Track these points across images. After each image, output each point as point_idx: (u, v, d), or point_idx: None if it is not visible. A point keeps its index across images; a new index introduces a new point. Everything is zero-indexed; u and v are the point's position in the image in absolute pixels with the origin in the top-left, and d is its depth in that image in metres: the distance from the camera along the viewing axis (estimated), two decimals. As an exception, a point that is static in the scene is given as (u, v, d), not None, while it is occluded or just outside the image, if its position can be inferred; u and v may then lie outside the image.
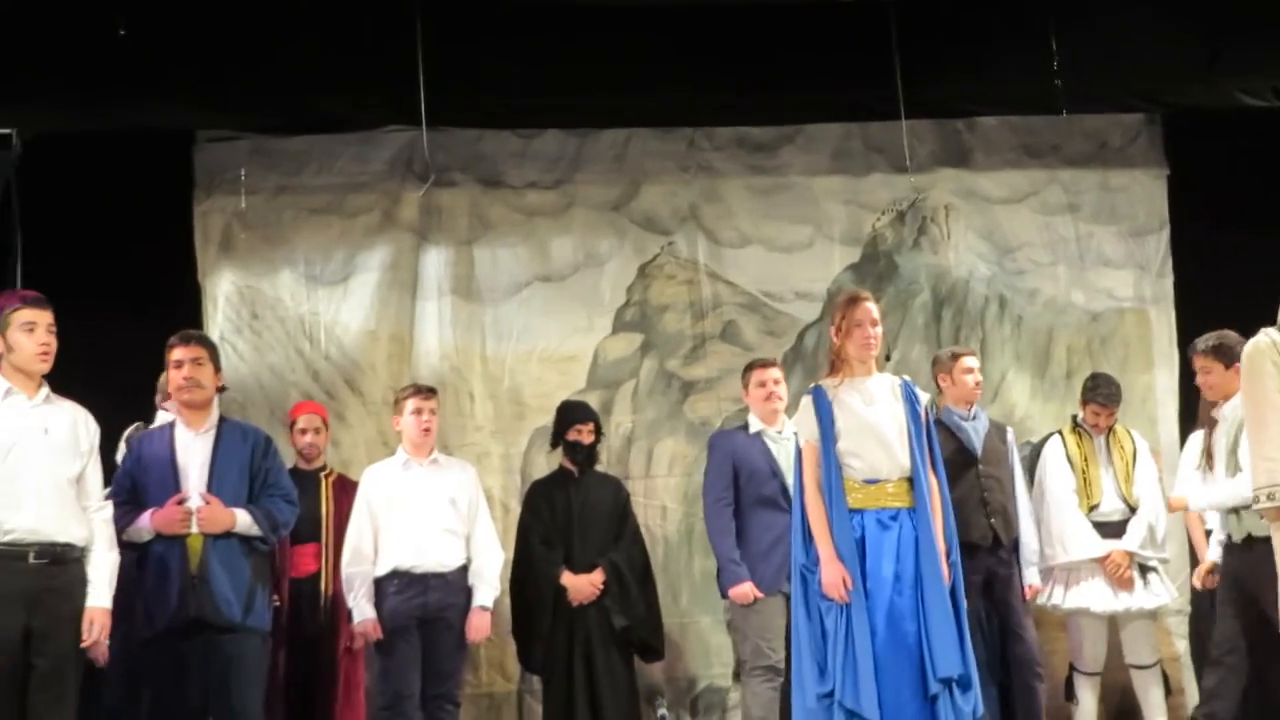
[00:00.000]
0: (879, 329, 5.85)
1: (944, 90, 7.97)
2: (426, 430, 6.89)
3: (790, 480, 6.76)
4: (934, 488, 5.77)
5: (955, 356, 7.25)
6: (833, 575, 5.63)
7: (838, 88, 7.91)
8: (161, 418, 6.34)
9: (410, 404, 6.91)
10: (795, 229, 8.40)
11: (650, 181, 8.35)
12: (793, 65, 7.67)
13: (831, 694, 5.59)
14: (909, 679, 5.60)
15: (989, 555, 6.97)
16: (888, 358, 6.11)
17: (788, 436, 6.89)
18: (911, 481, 5.73)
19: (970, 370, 7.18)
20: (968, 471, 6.97)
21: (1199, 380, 6.61)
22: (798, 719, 5.72)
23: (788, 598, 6.79)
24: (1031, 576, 7.09)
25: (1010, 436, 7.29)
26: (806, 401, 5.83)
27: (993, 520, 7.01)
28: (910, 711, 5.57)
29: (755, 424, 7.10)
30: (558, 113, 8.03)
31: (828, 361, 5.95)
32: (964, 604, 5.81)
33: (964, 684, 5.59)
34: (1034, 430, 7.98)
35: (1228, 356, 6.36)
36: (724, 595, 6.99)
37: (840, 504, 5.70)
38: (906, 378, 5.94)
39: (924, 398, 5.87)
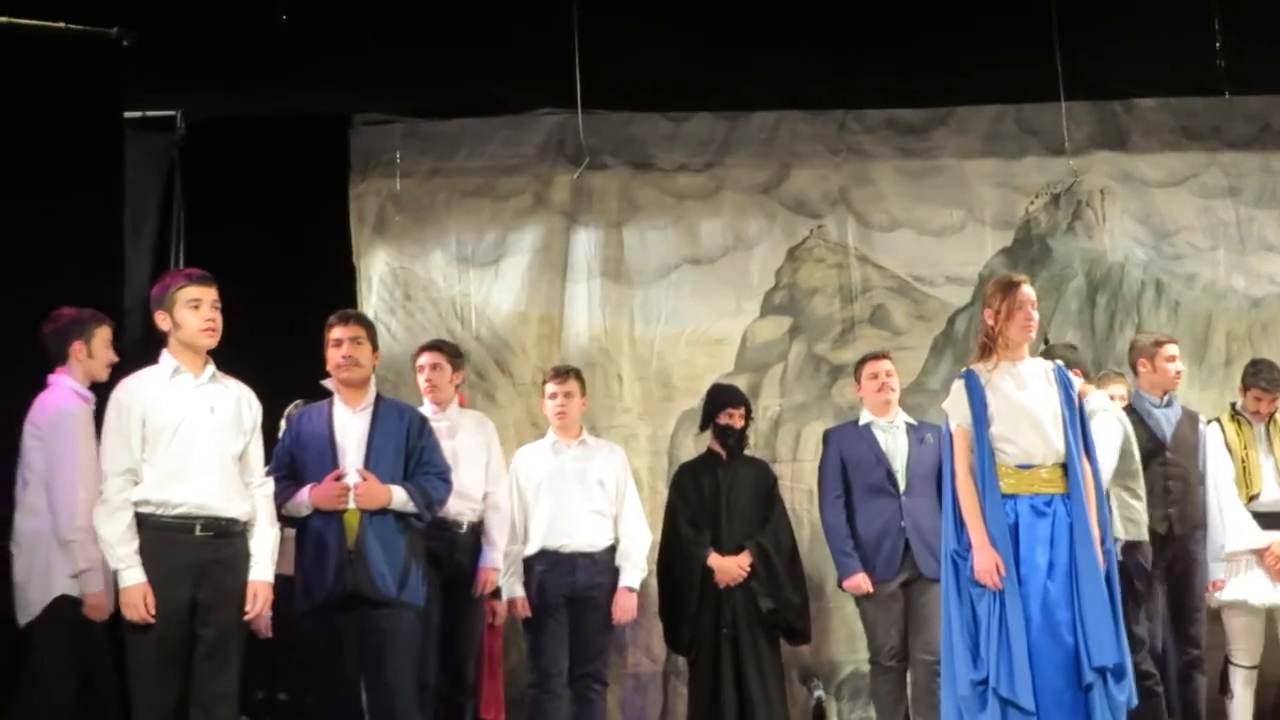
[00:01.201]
0: (1037, 313, 5.78)
1: (1102, 71, 7.85)
2: (561, 414, 6.95)
3: (898, 467, 6.99)
4: (1088, 474, 5.68)
5: (1158, 344, 7.12)
6: (985, 561, 5.57)
7: (992, 69, 7.81)
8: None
9: (549, 387, 7.01)
10: (946, 212, 8.34)
11: (800, 164, 8.33)
12: (946, 46, 7.57)
13: (985, 681, 5.54)
14: (1063, 668, 5.52)
15: (1164, 545, 6.86)
16: (1046, 341, 6.02)
17: (899, 425, 7.10)
18: (1066, 467, 5.64)
19: (1173, 359, 7.08)
20: (1153, 459, 6.86)
21: None
22: (948, 706, 5.67)
23: (905, 585, 6.84)
24: (1216, 571, 6.95)
25: (1203, 426, 7.13)
26: (958, 385, 5.76)
27: (1170, 510, 6.89)
28: (1065, 700, 5.49)
29: (866, 416, 7.17)
30: (708, 96, 8.04)
31: (979, 345, 5.88)
32: (1119, 592, 5.71)
33: (1119, 673, 5.50)
34: (1192, 418, 7.82)
35: None
36: (840, 586, 7.08)
37: (993, 489, 5.63)
38: (1059, 362, 5.86)
39: (1078, 382, 5.78)
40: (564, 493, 6.86)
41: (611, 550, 6.89)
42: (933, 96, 8.20)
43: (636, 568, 6.91)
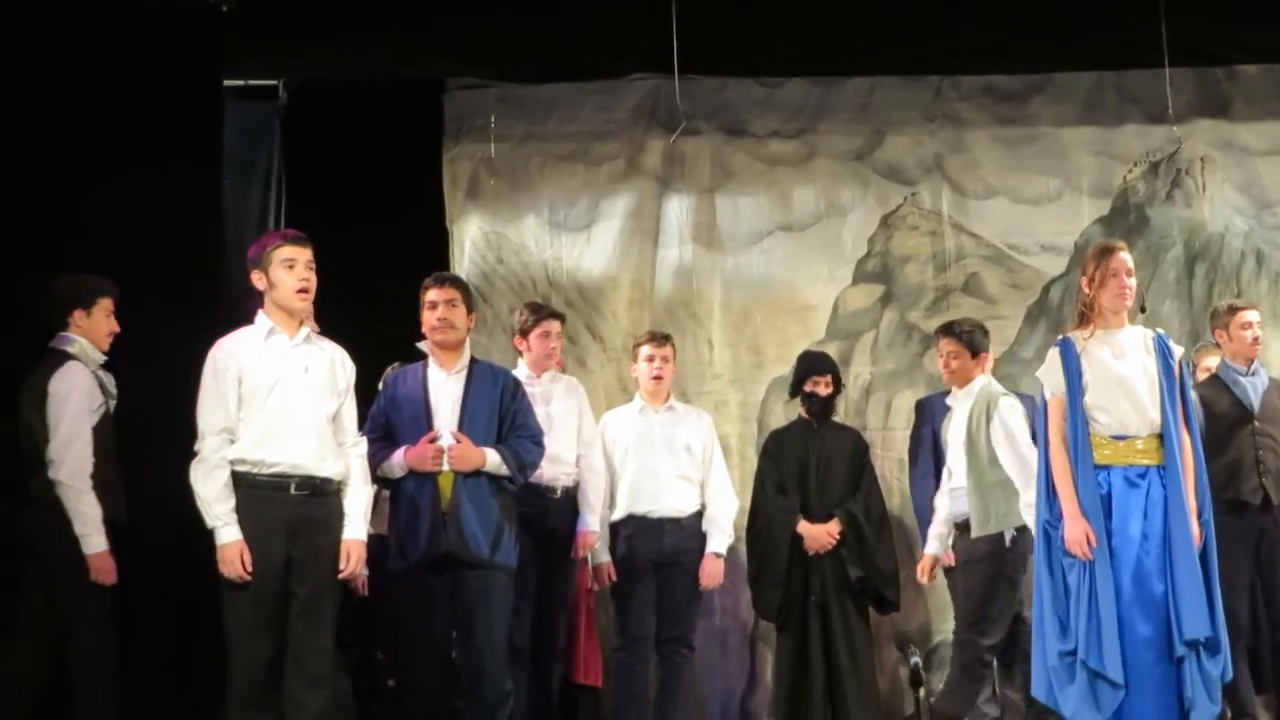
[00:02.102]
0: (1134, 280, 5.70)
1: (1205, 37, 7.70)
2: (658, 378, 6.96)
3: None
4: (1186, 445, 5.61)
5: (1233, 310, 7.02)
6: (1076, 531, 5.52)
7: (1091, 35, 7.70)
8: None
9: (644, 350, 7.01)
10: (1043, 180, 8.24)
11: (894, 131, 8.28)
12: (1045, 11, 7.47)
13: (1073, 652, 5.51)
14: (1155, 640, 5.46)
15: (1259, 515, 6.76)
16: (1142, 310, 5.94)
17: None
18: (1162, 438, 5.57)
19: (1248, 325, 6.94)
20: (1242, 429, 6.77)
21: None
22: (1038, 676, 5.64)
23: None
24: None
25: None
26: (1054, 354, 5.71)
27: (1264, 480, 6.78)
28: (1155, 674, 5.44)
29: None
30: (802, 61, 8.00)
31: (1076, 313, 5.82)
32: (1215, 565, 5.64)
33: (1212, 647, 5.43)
34: (1292, 390, 7.69)
35: None
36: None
37: (1086, 459, 5.57)
38: (1160, 331, 5.78)
39: (1178, 352, 5.70)
40: (651, 458, 6.87)
41: (698, 516, 6.90)
42: (1031, 63, 8.10)
43: (723, 533, 6.91)
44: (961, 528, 6.57)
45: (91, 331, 5.93)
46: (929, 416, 7.18)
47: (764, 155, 8.26)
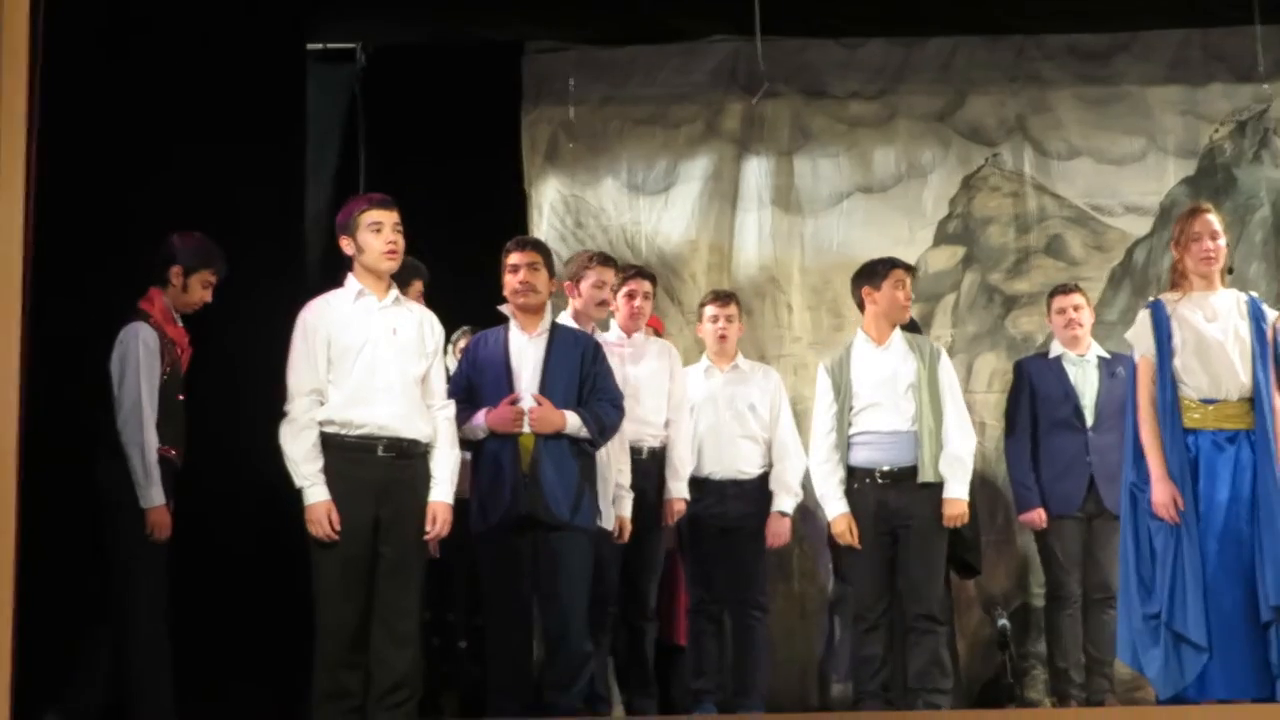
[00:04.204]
0: (1221, 241, 5.64)
1: (1295, -8, 7.57)
2: (723, 337, 6.93)
3: (1086, 403, 6.90)
4: (1278, 409, 5.55)
5: None
6: (1163, 494, 5.51)
7: (1179, -9, 7.60)
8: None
9: (709, 310, 6.99)
10: (1127, 140, 8.11)
11: (976, 91, 8.18)
12: (1131, -32, 7.39)
13: (1158, 615, 5.49)
14: (1241, 605, 5.46)
15: None
16: (1230, 271, 5.87)
17: (1090, 359, 7.02)
18: (1253, 402, 5.52)
19: None
20: None
21: None
22: (1123, 638, 5.64)
23: (1086, 520, 6.75)
24: None
25: None
26: (1144, 316, 5.68)
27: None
28: (1241, 636, 5.43)
29: (1056, 348, 7.11)
30: (883, 22, 7.93)
31: (1169, 276, 5.77)
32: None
33: (1301, 612, 5.41)
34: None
35: None
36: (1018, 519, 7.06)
37: (1175, 422, 5.55)
38: (1254, 294, 5.72)
39: (1271, 315, 5.64)
40: (715, 418, 6.83)
41: (764, 477, 6.86)
42: (1116, 21, 7.97)
43: (789, 492, 6.84)
44: None
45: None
46: (1026, 377, 7.11)
47: (844, 117, 8.20)
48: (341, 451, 5.32)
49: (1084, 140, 8.12)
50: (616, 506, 6.30)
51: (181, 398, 5.87)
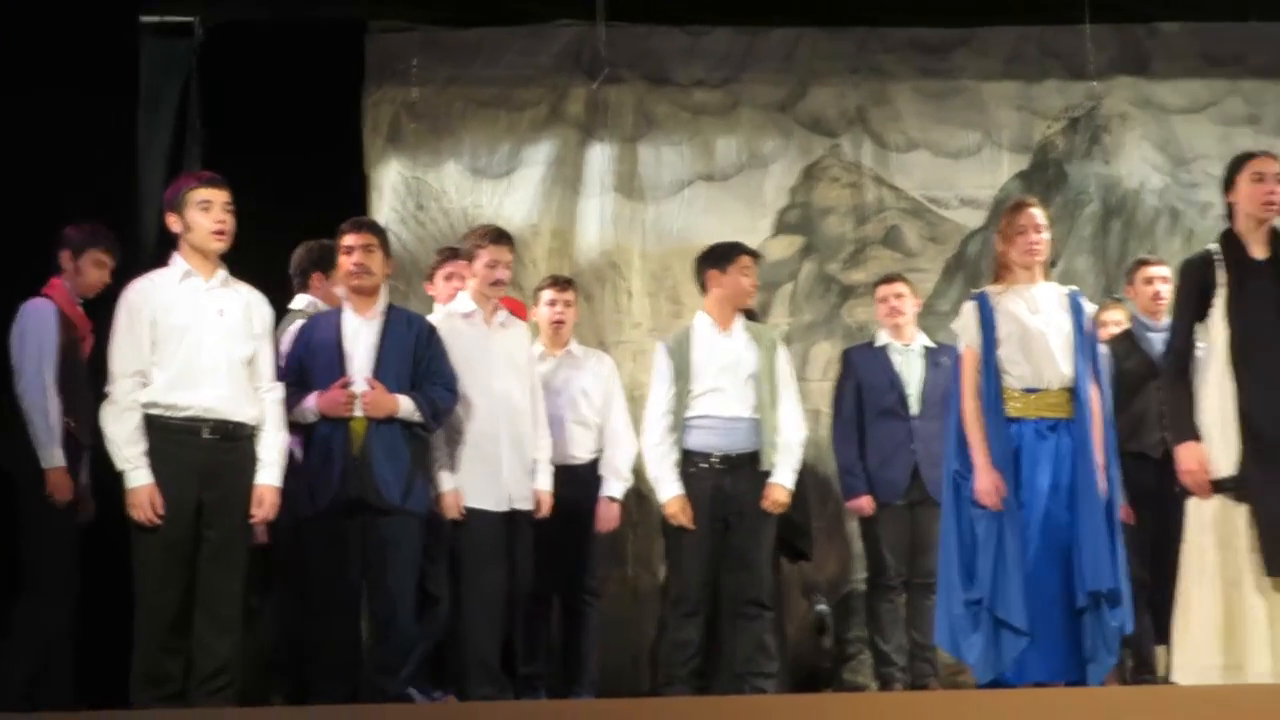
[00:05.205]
0: (1045, 235, 5.76)
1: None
2: (559, 322, 6.91)
3: (911, 391, 7.03)
4: (1095, 399, 5.70)
5: (1140, 264, 7.04)
6: (986, 482, 5.61)
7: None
8: (299, 301, 6.44)
9: (546, 295, 6.96)
10: (964, 134, 8.27)
11: (818, 82, 8.26)
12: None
13: (979, 601, 5.59)
14: (1059, 591, 5.57)
15: (1159, 469, 6.83)
16: (1053, 264, 6.01)
17: (915, 348, 7.14)
18: (1073, 392, 5.65)
19: (1150, 280, 6.96)
20: (1148, 383, 6.76)
21: None
22: (941, 624, 5.73)
23: (910, 506, 6.88)
24: None
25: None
26: (969, 307, 5.78)
27: (1167, 434, 6.84)
28: (1058, 624, 5.56)
29: (882, 337, 7.21)
30: (728, 10, 7.98)
31: (993, 268, 5.88)
32: (1119, 518, 5.75)
33: (1114, 599, 5.55)
34: (1202, 346, 7.79)
35: None
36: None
37: (998, 412, 5.66)
38: (1074, 288, 5.85)
39: (1089, 309, 5.78)
40: (547, 404, 6.72)
41: (595, 462, 6.87)
42: (956, 16, 8.12)
43: (619, 477, 6.85)
44: None
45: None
46: (852, 365, 7.21)
47: (688, 104, 8.23)
48: (166, 434, 5.24)
49: (922, 133, 8.26)
50: (536, 481, 6.30)
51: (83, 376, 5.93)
